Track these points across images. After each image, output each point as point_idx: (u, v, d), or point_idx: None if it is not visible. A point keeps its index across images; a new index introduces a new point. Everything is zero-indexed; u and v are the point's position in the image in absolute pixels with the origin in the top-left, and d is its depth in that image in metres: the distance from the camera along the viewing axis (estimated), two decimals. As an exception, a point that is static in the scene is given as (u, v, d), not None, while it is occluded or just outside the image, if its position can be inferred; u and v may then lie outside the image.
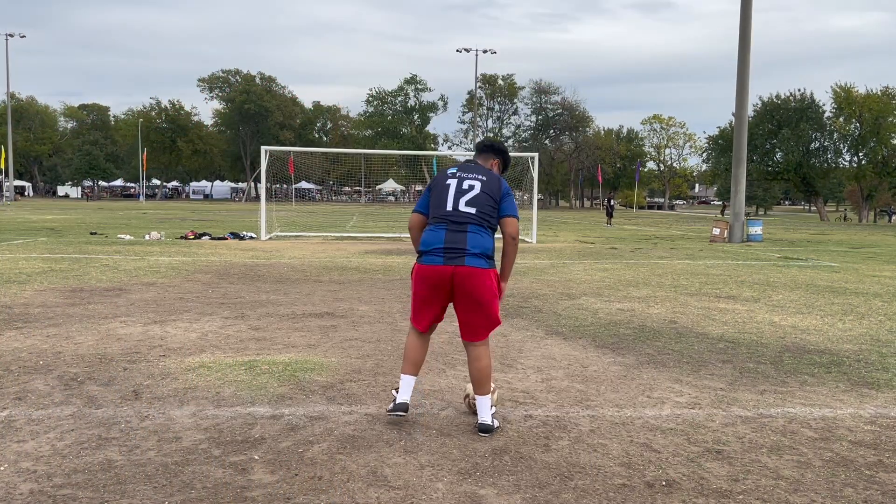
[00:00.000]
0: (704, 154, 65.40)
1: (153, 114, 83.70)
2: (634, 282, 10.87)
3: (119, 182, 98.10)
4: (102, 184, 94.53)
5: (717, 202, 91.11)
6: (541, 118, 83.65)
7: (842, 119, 52.87)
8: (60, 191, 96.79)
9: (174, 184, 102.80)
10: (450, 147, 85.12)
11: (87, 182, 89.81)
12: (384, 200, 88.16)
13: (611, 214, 36.24)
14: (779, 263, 14.55)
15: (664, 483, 3.32)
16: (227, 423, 4.02)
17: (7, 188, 59.56)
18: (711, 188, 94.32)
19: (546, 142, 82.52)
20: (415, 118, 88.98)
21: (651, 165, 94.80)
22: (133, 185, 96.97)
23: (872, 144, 51.03)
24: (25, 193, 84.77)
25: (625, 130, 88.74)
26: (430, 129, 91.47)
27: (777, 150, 54.57)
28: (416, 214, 4.20)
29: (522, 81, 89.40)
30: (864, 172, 52.25)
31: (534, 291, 9.59)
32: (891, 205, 67.58)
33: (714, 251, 17.91)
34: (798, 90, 54.77)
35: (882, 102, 50.24)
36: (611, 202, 38.27)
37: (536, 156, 22.26)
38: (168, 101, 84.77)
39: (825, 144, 54.53)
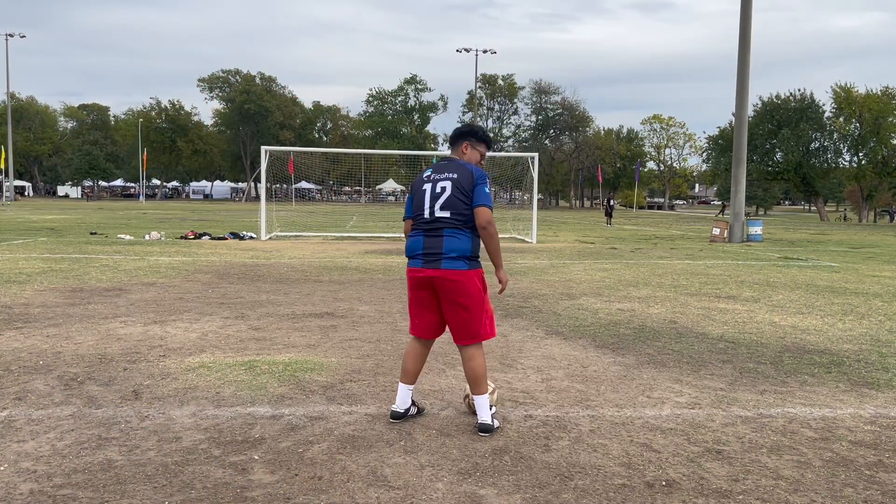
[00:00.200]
0: (704, 154, 65.42)
1: (153, 114, 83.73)
2: (634, 282, 10.87)
3: (119, 182, 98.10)
4: (102, 184, 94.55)
5: (717, 202, 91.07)
6: (541, 118, 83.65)
7: (842, 119, 52.86)
8: (60, 191, 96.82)
9: (174, 184, 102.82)
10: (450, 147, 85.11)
11: (87, 182, 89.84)
12: (384, 200, 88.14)
13: (610, 214, 36.17)
14: (779, 263, 14.55)
15: (664, 483, 3.32)
16: (227, 423, 4.03)
17: (7, 188, 59.57)
18: (711, 188, 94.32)
19: (546, 142, 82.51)
20: (415, 118, 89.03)
21: (651, 165, 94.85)
22: (133, 185, 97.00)
23: (872, 144, 51.02)
24: (25, 193, 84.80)
25: (625, 130, 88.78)
26: (430, 129, 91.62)
27: (777, 150, 54.54)
28: (408, 220, 4.20)
29: (522, 81, 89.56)
30: (864, 172, 52.24)
31: (534, 291, 9.59)
32: (891, 205, 67.57)
33: (714, 251, 17.91)
34: (798, 90, 54.84)
35: (882, 102, 50.22)
36: (610, 202, 38.11)
37: (536, 156, 22.25)
38: (168, 101, 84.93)
39: (825, 144, 54.52)
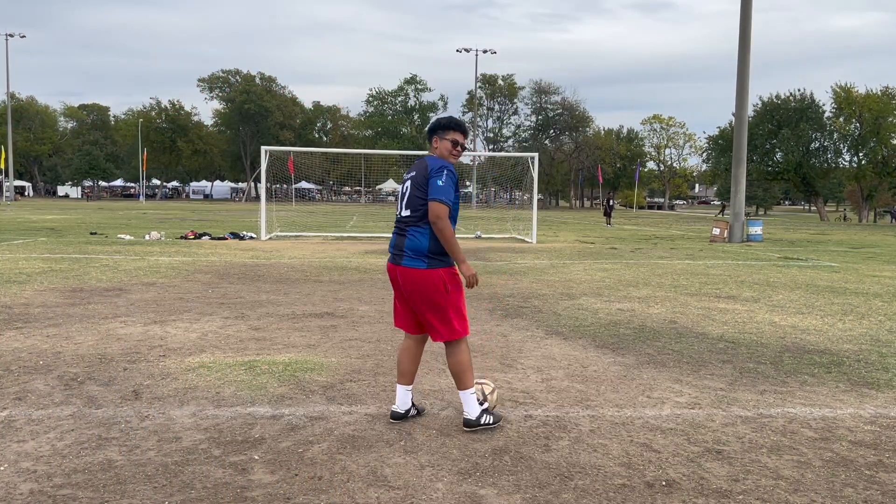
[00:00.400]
0: (704, 154, 65.41)
1: (153, 114, 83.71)
2: (634, 282, 10.87)
3: (119, 182, 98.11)
4: (102, 184, 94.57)
5: (717, 202, 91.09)
6: (541, 118, 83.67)
7: (842, 119, 52.86)
8: (60, 191, 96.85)
9: (174, 184, 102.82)
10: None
11: (87, 182, 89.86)
12: (384, 200, 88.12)
13: (609, 214, 36.08)
14: (779, 263, 14.55)
15: (664, 483, 3.32)
16: (227, 423, 4.03)
17: (7, 188, 59.59)
18: (711, 188, 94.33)
19: (546, 142, 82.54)
20: (415, 118, 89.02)
21: (651, 165, 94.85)
22: (133, 185, 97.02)
23: (872, 144, 51.03)
24: (25, 193, 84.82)
25: (625, 130, 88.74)
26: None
27: (777, 150, 54.55)
28: None
29: (522, 81, 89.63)
30: (864, 172, 52.24)
31: (534, 291, 9.59)
32: (891, 205, 67.58)
33: (714, 251, 17.91)
34: (798, 90, 54.84)
35: (882, 102, 50.22)
36: (610, 202, 37.91)
37: (536, 156, 22.24)
38: (168, 101, 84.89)
39: (825, 144, 54.52)
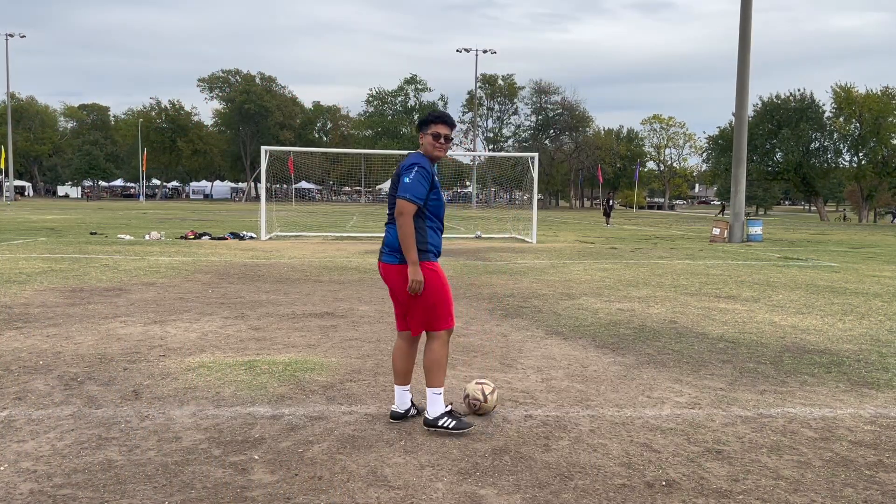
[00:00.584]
0: (704, 154, 65.40)
1: (153, 114, 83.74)
2: (634, 282, 10.87)
3: (119, 182, 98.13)
4: (102, 184, 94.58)
5: (717, 202, 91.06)
6: (541, 118, 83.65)
7: (842, 119, 52.86)
8: (60, 191, 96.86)
9: (174, 184, 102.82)
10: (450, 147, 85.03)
11: (87, 182, 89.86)
12: (384, 200, 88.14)
13: (608, 214, 36.07)
14: (779, 263, 14.55)
15: (664, 483, 3.32)
16: (227, 423, 4.03)
17: (7, 188, 59.60)
18: (711, 188, 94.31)
19: (546, 142, 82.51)
20: (415, 118, 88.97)
21: (651, 165, 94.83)
22: (133, 185, 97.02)
23: (872, 144, 51.03)
24: (25, 193, 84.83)
25: (625, 130, 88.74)
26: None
27: (777, 150, 54.54)
28: None
29: (522, 81, 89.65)
30: (864, 172, 52.24)
31: (534, 291, 9.59)
32: (892, 205, 67.56)
33: (714, 251, 17.91)
34: (798, 90, 54.84)
35: (882, 102, 50.23)
36: (609, 202, 37.86)
37: (536, 156, 22.24)
38: (168, 101, 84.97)
39: (825, 144, 54.52)
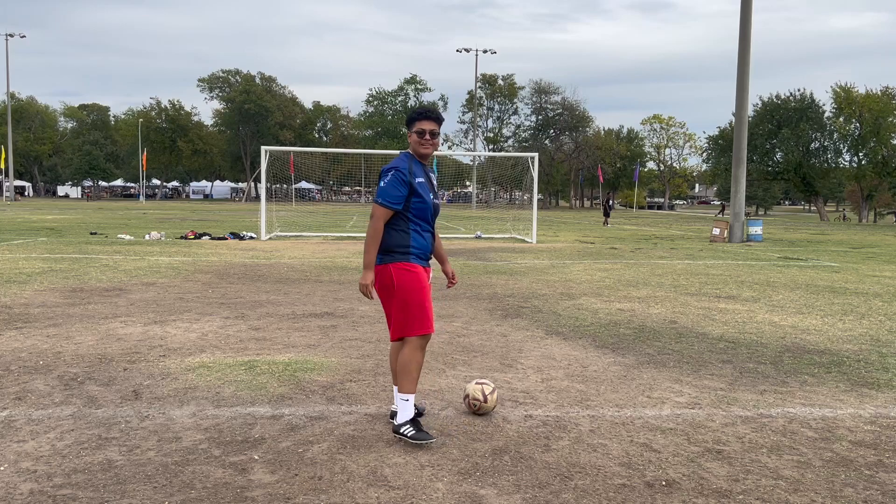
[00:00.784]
0: (704, 154, 65.43)
1: (153, 114, 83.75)
2: (634, 282, 10.87)
3: (119, 182, 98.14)
4: (102, 184, 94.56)
5: (717, 202, 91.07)
6: (541, 118, 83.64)
7: (842, 119, 52.87)
8: (60, 191, 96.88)
9: (174, 184, 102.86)
10: (450, 147, 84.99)
11: (87, 182, 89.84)
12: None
13: (608, 214, 36.08)
14: (779, 263, 14.55)
15: (664, 483, 3.32)
16: (227, 423, 4.02)
17: (7, 188, 59.60)
18: (711, 188, 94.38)
19: (546, 142, 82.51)
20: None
21: (651, 165, 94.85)
22: (133, 185, 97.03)
23: (872, 144, 51.05)
24: (25, 193, 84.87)
25: (625, 130, 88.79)
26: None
27: (777, 150, 54.58)
28: None
29: (522, 81, 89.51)
30: (864, 172, 52.26)
31: (534, 291, 9.59)
32: (892, 205, 67.57)
33: (714, 251, 17.91)
34: (798, 90, 54.87)
35: (882, 102, 50.25)
36: (609, 202, 37.92)
37: (536, 156, 22.25)
38: (168, 101, 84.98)
39: (825, 144, 54.54)
